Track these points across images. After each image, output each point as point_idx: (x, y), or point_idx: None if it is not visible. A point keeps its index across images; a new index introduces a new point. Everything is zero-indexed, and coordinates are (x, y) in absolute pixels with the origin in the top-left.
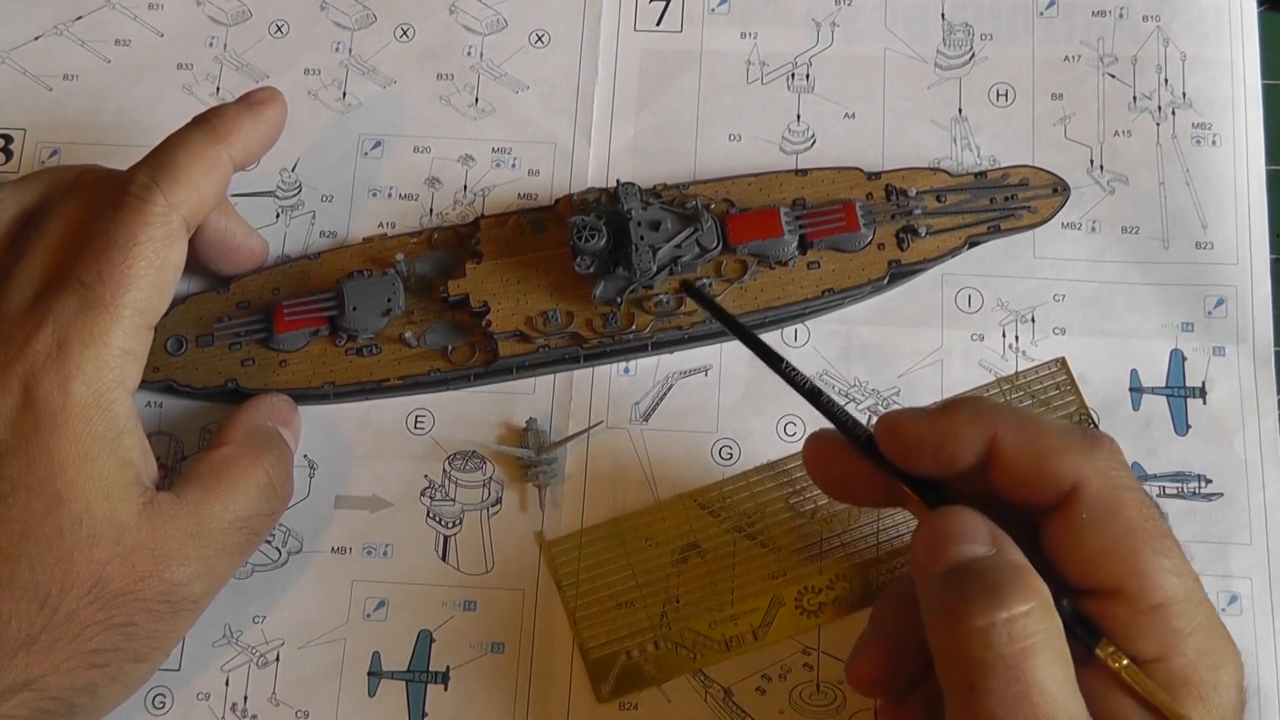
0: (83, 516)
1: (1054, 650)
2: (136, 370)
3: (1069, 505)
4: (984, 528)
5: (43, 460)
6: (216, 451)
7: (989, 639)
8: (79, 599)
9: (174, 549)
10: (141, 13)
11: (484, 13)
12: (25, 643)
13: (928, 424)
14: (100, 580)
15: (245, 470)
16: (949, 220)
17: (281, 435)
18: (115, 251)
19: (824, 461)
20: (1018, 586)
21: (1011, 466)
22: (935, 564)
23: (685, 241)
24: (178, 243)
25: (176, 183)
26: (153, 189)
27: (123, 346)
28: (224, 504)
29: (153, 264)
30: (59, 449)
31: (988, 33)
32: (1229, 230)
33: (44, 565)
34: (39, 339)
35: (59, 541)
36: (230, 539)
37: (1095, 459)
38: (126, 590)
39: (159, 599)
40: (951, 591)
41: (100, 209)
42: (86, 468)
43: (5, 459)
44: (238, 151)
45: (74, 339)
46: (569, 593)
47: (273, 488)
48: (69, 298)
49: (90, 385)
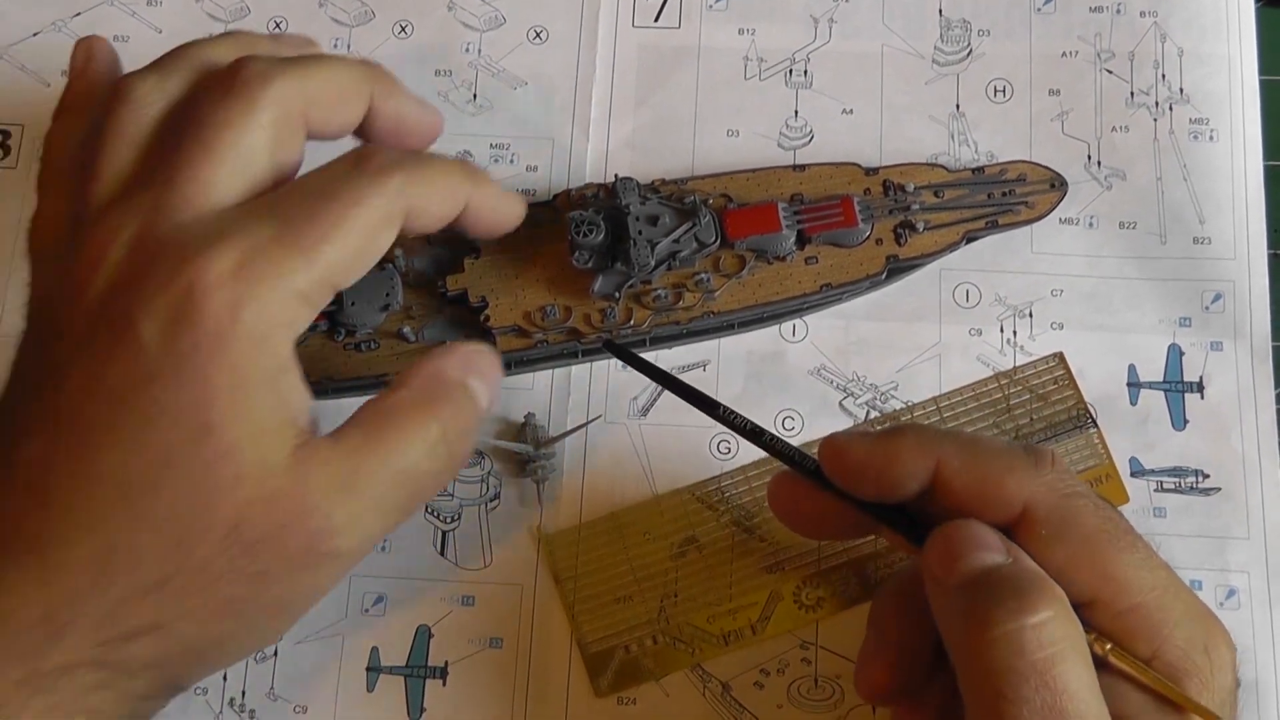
0: (230, 452)
1: (1080, 655)
2: (306, 321)
3: (1025, 524)
4: (997, 537)
5: (195, 386)
6: (388, 396)
7: (1018, 645)
8: (216, 542)
9: (322, 497)
10: (140, 9)
11: (482, 9)
12: (157, 584)
13: (870, 449)
14: (240, 524)
15: (415, 420)
16: (947, 215)
17: (469, 388)
18: (336, 202)
19: (790, 500)
20: (1041, 592)
21: (959, 492)
22: (952, 574)
23: (683, 236)
24: (394, 225)
25: (419, 179)
26: (395, 171)
27: (304, 291)
28: (384, 455)
29: (365, 231)
30: (215, 377)
31: (985, 29)
32: (1226, 225)
33: (184, 502)
34: (219, 254)
35: (202, 476)
36: (388, 494)
37: (1041, 475)
38: (266, 537)
39: (301, 549)
40: (975, 599)
41: (333, 164)
42: (240, 400)
43: (157, 379)
44: (479, 204)
45: (257, 265)
46: (567, 587)
47: (445, 444)
48: (264, 223)
49: (262, 316)
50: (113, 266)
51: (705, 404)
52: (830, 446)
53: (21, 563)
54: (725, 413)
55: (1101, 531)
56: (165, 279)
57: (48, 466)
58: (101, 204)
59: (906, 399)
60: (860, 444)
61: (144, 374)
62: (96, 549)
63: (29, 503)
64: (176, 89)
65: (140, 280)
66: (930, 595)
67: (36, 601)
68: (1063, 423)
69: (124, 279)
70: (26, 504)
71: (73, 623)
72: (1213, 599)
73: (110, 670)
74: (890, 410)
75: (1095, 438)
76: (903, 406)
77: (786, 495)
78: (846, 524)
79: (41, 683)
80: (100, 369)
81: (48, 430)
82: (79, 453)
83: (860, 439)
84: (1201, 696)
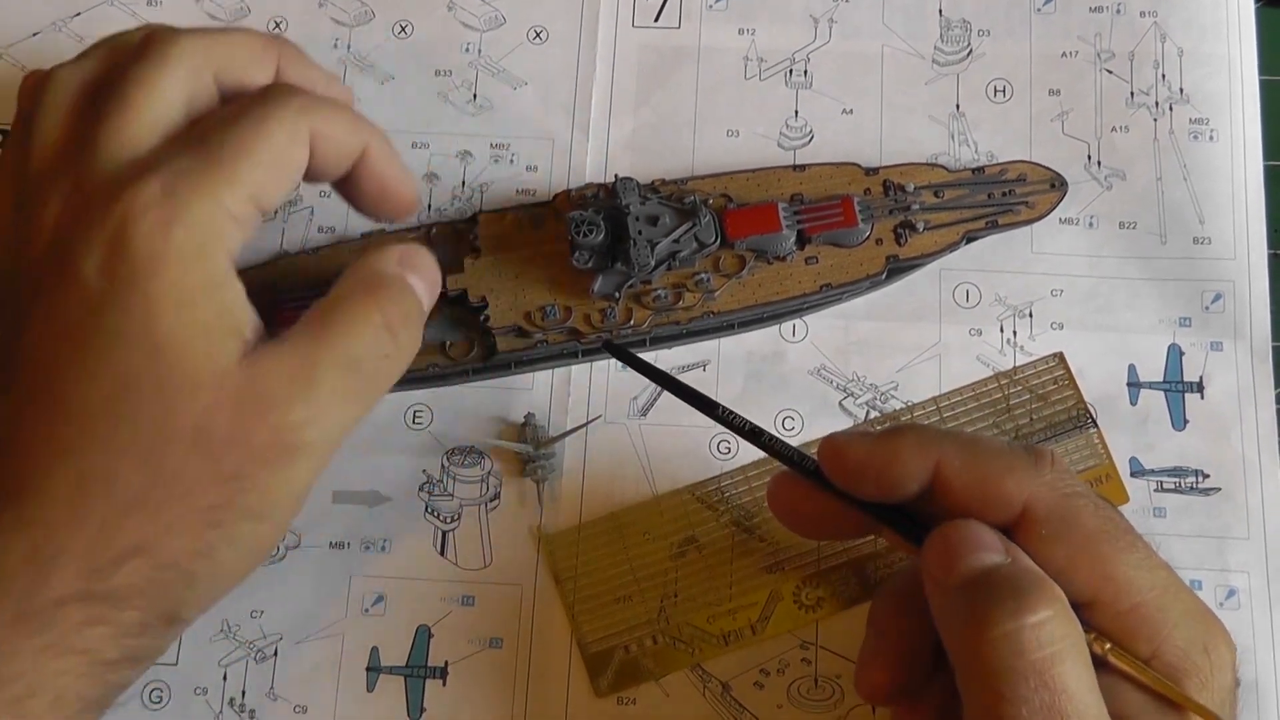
0: (181, 362)
1: (1079, 655)
2: (238, 239)
3: (1025, 524)
4: (996, 537)
5: (140, 307)
6: (328, 295)
7: (1018, 645)
8: (184, 452)
9: (279, 393)
10: (140, 9)
11: (482, 9)
12: (135, 503)
13: (870, 449)
14: (203, 428)
15: (356, 310)
16: (947, 215)
17: (406, 279)
18: (245, 124)
19: (789, 500)
20: (1040, 592)
21: (959, 492)
22: (951, 575)
23: (683, 236)
24: (301, 146)
25: (319, 104)
26: (295, 93)
27: (230, 208)
28: (332, 345)
29: (277, 147)
30: (157, 294)
31: (985, 29)
32: (1226, 225)
33: (146, 418)
34: (146, 184)
35: (160, 391)
36: (342, 381)
37: (1041, 474)
38: (232, 438)
39: (267, 446)
40: (974, 600)
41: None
42: (185, 314)
43: (102, 308)
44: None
45: (183, 185)
46: (567, 587)
47: (388, 328)
48: (184, 152)
49: (192, 234)
50: (52, 221)
51: (704, 405)
52: (830, 446)
53: (2, 506)
54: (724, 413)
55: (1101, 531)
56: (99, 217)
57: (18, 410)
58: (37, 174)
59: (906, 399)
60: (860, 444)
61: (91, 306)
62: (70, 479)
63: (8, 447)
64: (93, 68)
65: (77, 225)
66: (929, 595)
67: (18, 541)
68: (1063, 423)
69: (63, 229)
70: (6, 449)
71: (57, 556)
72: (1213, 599)
73: (102, 603)
74: (890, 410)
75: (1095, 438)
76: (903, 406)
77: (786, 496)
78: (846, 524)
79: (33, 622)
80: (51, 311)
81: (16, 380)
82: (43, 391)
83: (860, 439)
84: (1201, 696)
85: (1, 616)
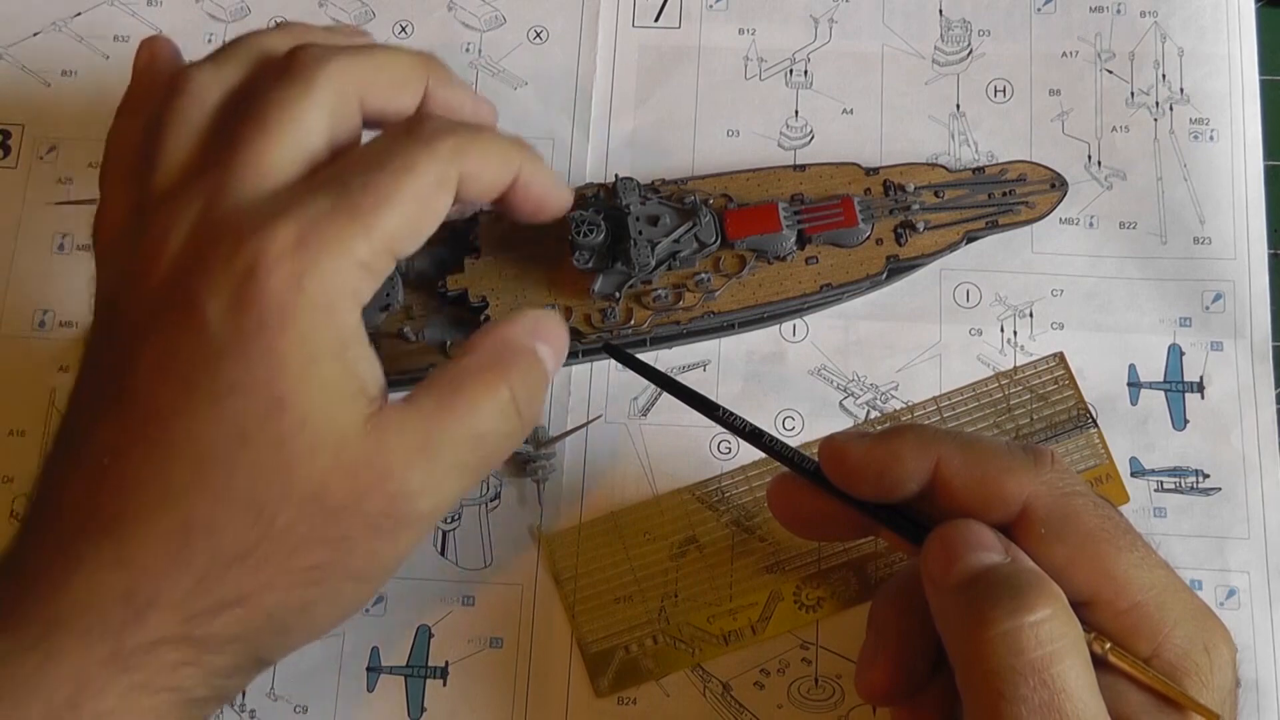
0: (304, 423)
1: (1079, 654)
2: (370, 290)
3: (1024, 524)
4: (995, 537)
5: (264, 360)
6: (458, 362)
7: (1016, 644)
8: (296, 512)
9: (398, 462)
10: (140, 9)
11: (482, 9)
12: (239, 556)
13: (870, 450)
14: (320, 492)
15: (486, 383)
16: (947, 215)
17: (536, 352)
18: (388, 170)
19: (789, 502)
20: (1039, 591)
21: (958, 492)
22: (950, 575)
23: (684, 236)
24: (448, 191)
25: (472, 143)
26: (448, 135)
27: (365, 260)
28: (457, 417)
29: (420, 197)
30: (283, 350)
31: (985, 29)
32: (1227, 225)
33: (261, 474)
34: (279, 229)
35: (278, 449)
36: (462, 456)
37: (1040, 474)
38: (346, 504)
39: (380, 514)
40: (973, 599)
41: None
42: (310, 371)
43: (225, 357)
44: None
45: (317, 237)
46: (567, 587)
47: (515, 405)
48: (321, 196)
49: (325, 288)
50: (176, 250)
51: (705, 406)
52: (829, 447)
53: (98, 544)
54: (724, 415)
55: (1101, 531)
56: (227, 257)
57: (121, 449)
58: (163, 192)
59: (907, 399)
60: (860, 444)
61: (212, 352)
62: (174, 525)
63: (104, 485)
64: (233, 77)
65: (203, 261)
66: (929, 595)
67: (116, 581)
68: (1063, 423)
69: (187, 261)
70: (101, 487)
71: (155, 600)
72: (1213, 599)
73: (195, 647)
74: (890, 410)
75: (1095, 438)
76: (903, 406)
77: (786, 497)
78: (846, 525)
79: (126, 661)
80: (169, 350)
81: (120, 414)
82: (151, 433)
83: (860, 439)
84: (1201, 695)
85: (95, 654)
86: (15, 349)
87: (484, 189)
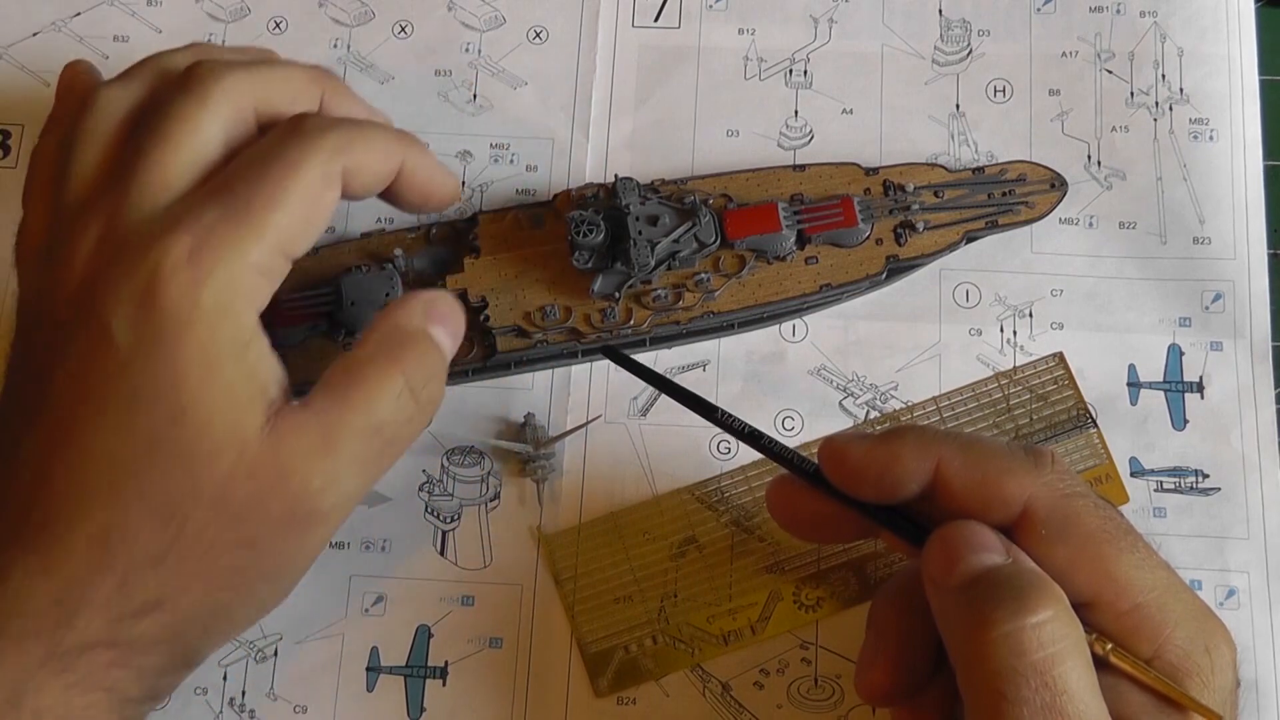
0: (205, 428)
1: (1080, 656)
2: (266, 294)
3: (1025, 525)
4: (996, 538)
5: (166, 368)
6: (353, 354)
7: (1018, 645)
8: (205, 515)
9: (298, 462)
10: (140, 9)
11: (482, 9)
12: (155, 559)
13: (870, 451)
14: (224, 495)
15: (380, 373)
16: (947, 216)
17: (430, 335)
18: (273, 171)
19: (789, 504)
20: (1040, 592)
21: (959, 493)
22: (951, 576)
23: (683, 236)
24: (334, 186)
25: (353, 138)
26: (329, 130)
27: (258, 263)
28: (354, 411)
29: (307, 196)
30: (183, 357)
31: (985, 29)
32: (1226, 225)
33: (169, 479)
34: (173, 242)
35: (183, 455)
36: (362, 449)
37: (1041, 475)
38: (251, 505)
39: (283, 514)
40: (974, 600)
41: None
42: (210, 378)
43: (131, 368)
44: (413, 168)
45: (210, 245)
46: (567, 587)
47: (410, 392)
48: (211, 205)
49: (219, 294)
50: (82, 263)
51: (704, 408)
52: (829, 448)
53: (28, 550)
54: (723, 416)
55: (1102, 532)
56: (127, 271)
57: (42, 461)
58: (73, 206)
59: (906, 399)
60: (860, 446)
61: (119, 363)
62: (94, 532)
63: (33, 493)
64: (138, 93)
65: (106, 274)
66: (930, 597)
67: (46, 586)
68: (1063, 423)
69: (92, 274)
70: (31, 495)
71: (82, 605)
72: (1213, 599)
73: (124, 649)
74: (890, 410)
75: (1095, 438)
76: (903, 406)
77: (785, 500)
78: (846, 527)
79: (61, 662)
80: (80, 362)
81: (40, 426)
82: (69, 442)
83: (860, 441)
84: (1202, 696)
85: (32, 655)
86: None
87: (369, 181)
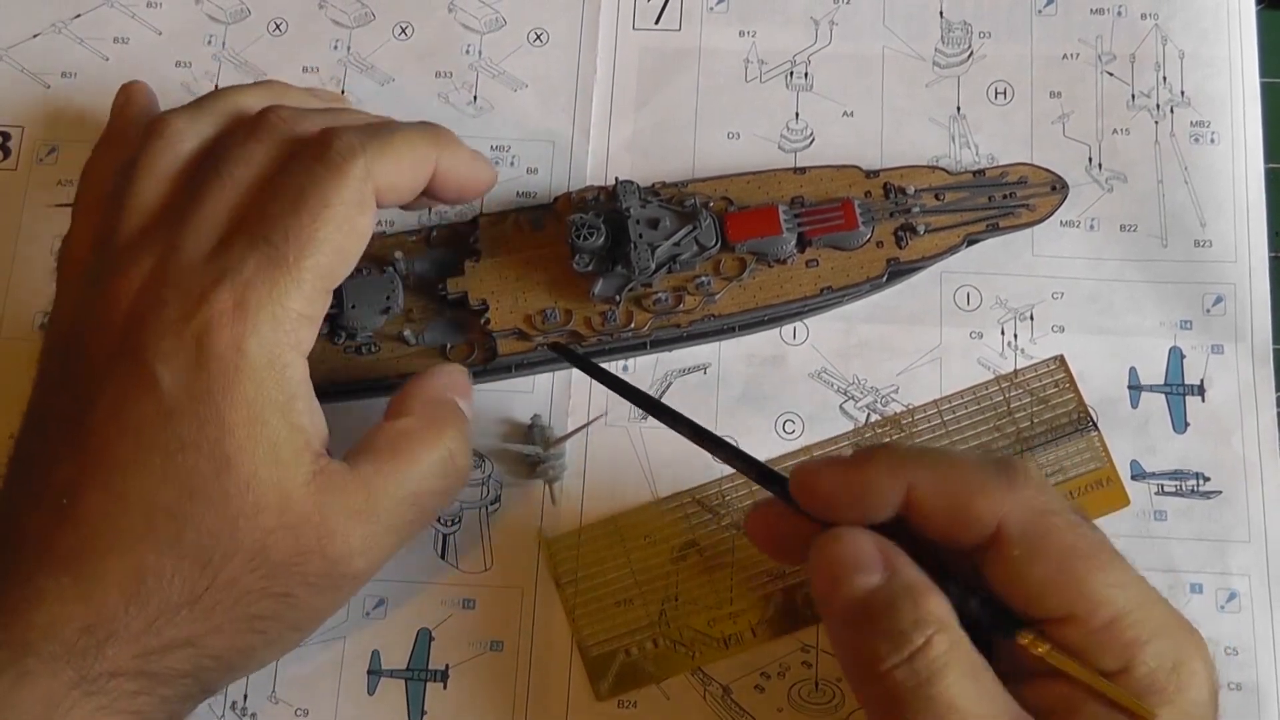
0: (250, 482)
1: (961, 667)
2: (311, 334)
3: (999, 543)
4: (874, 551)
5: (214, 421)
6: (396, 423)
7: (897, 679)
8: (241, 565)
9: (339, 523)
10: (140, 11)
11: (482, 11)
12: (188, 601)
13: (842, 477)
14: (263, 549)
15: (426, 444)
16: (947, 218)
17: (460, 408)
18: (305, 211)
19: (769, 532)
20: (914, 618)
21: (931, 514)
22: (835, 600)
23: (684, 239)
24: (368, 211)
25: (383, 155)
26: (357, 154)
27: (300, 309)
28: (399, 479)
29: (341, 228)
30: (230, 411)
31: (986, 31)
32: (1227, 228)
33: (209, 528)
34: (218, 295)
35: (225, 505)
36: (401, 515)
37: (1014, 492)
38: (288, 562)
39: (320, 573)
40: (858, 633)
41: (295, 163)
42: (256, 431)
43: (176, 416)
44: (447, 167)
45: (252, 298)
46: (568, 590)
47: (452, 463)
48: (251, 254)
49: (265, 347)
50: (130, 300)
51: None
52: (800, 477)
53: (59, 577)
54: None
55: (1075, 549)
56: (175, 322)
57: (78, 492)
58: (128, 235)
59: (907, 402)
60: (829, 473)
61: (163, 411)
62: (128, 570)
63: (62, 523)
64: (208, 129)
65: (154, 318)
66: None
67: (77, 614)
68: (1063, 426)
69: (139, 313)
70: (59, 524)
71: (113, 636)
72: (1213, 602)
73: (149, 679)
74: (891, 413)
75: (1096, 441)
76: (903, 409)
77: (763, 522)
78: None
79: (90, 686)
80: (122, 405)
81: (76, 458)
82: (107, 481)
83: (830, 467)
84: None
85: (62, 678)
86: (15, 351)
87: (403, 194)
